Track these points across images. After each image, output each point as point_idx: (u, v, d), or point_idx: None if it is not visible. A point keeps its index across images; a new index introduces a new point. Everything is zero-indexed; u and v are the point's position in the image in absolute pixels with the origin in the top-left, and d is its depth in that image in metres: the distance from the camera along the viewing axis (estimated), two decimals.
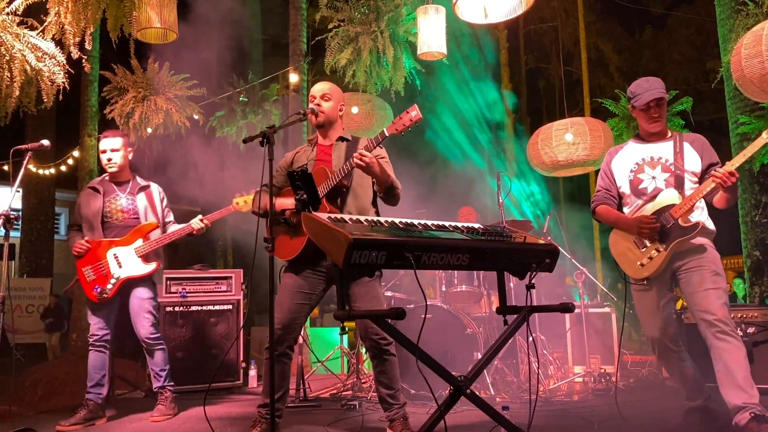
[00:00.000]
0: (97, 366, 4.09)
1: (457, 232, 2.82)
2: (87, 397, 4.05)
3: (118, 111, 6.33)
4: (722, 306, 3.08)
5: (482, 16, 4.13)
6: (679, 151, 3.35)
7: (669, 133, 3.47)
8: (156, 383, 4.28)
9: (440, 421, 2.65)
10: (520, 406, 4.22)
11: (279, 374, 3.30)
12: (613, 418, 3.79)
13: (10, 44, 3.64)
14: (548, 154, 6.32)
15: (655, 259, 3.26)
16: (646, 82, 3.39)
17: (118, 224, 4.19)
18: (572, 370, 5.20)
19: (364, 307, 3.28)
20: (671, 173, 3.33)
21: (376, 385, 3.44)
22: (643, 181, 3.40)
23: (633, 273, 3.39)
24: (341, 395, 4.88)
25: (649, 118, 3.38)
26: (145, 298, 4.16)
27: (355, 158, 3.15)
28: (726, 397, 3.03)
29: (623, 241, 3.42)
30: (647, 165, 3.40)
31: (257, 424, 3.36)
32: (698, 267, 3.21)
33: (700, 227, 3.19)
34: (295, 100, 7.44)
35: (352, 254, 2.37)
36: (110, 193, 4.25)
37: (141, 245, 4.12)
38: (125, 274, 4.08)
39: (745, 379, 2.99)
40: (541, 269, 3.00)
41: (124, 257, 4.10)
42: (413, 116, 3.16)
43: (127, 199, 4.25)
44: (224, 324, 5.60)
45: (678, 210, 3.21)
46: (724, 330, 3.04)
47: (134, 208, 4.24)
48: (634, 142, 3.55)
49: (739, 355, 3.02)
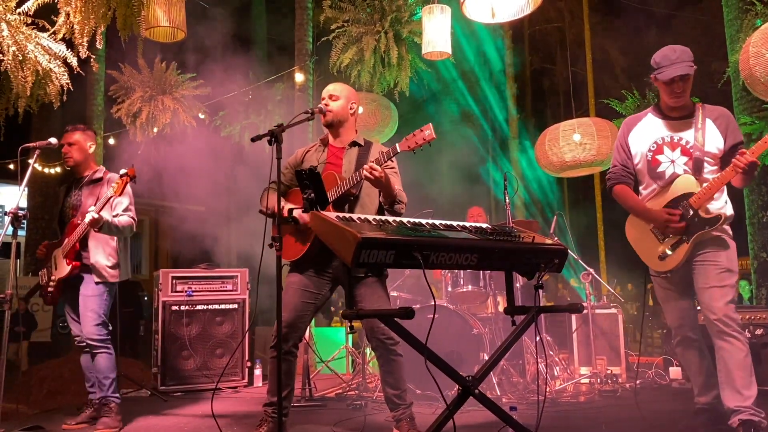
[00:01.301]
0: (89, 366, 3.97)
1: (465, 232, 2.81)
2: (90, 396, 4.00)
3: (125, 110, 6.34)
4: (725, 305, 3.04)
5: (489, 15, 4.11)
6: (701, 130, 3.20)
7: (691, 108, 3.29)
8: (98, 392, 3.90)
9: (448, 421, 2.64)
10: (526, 406, 4.21)
11: (284, 373, 3.30)
12: (620, 419, 3.78)
13: (23, 44, 3.65)
14: (556, 154, 6.30)
15: (677, 252, 3.18)
16: (673, 53, 3.18)
17: (73, 222, 3.95)
18: (578, 371, 5.18)
19: (371, 307, 3.27)
20: (690, 157, 3.19)
21: (383, 385, 3.43)
22: (662, 164, 3.27)
23: (653, 264, 3.31)
24: (347, 395, 4.87)
25: (671, 92, 3.21)
26: (88, 296, 3.89)
27: (364, 170, 3.15)
28: (722, 398, 3.05)
29: (641, 227, 3.32)
30: (667, 146, 3.26)
31: (263, 422, 3.36)
32: (710, 262, 3.13)
33: (722, 220, 3.10)
34: (301, 100, 7.44)
35: (360, 253, 2.36)
36: (72, 190, 4.08)
37: (64, 244, 3.92)
38: (57, 275, 3.90)
39: (743, 380, 2.97)
40: (549, 269, 2.98)
41: (57, 258, 3.94)
42: (426, 135, 3.13)
43: (76, 195, 4.04)
44: (230, 323, 5.60)
45: (697, 200, 3.11)
46: (724, 330, 3.01)
47: (80, 204, 4.00)
48: (654, 115, 3.37)
49: (738, 356, 2.99)
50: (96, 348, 3.84)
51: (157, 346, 5.34)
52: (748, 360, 3.00)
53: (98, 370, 3.86)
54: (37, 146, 3.57)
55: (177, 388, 5.29)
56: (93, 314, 3.85)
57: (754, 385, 2.99)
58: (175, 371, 5.34)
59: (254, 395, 5.18)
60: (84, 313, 3.86)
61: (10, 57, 3.53)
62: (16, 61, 3.58)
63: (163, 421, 4.14)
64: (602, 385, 4.75)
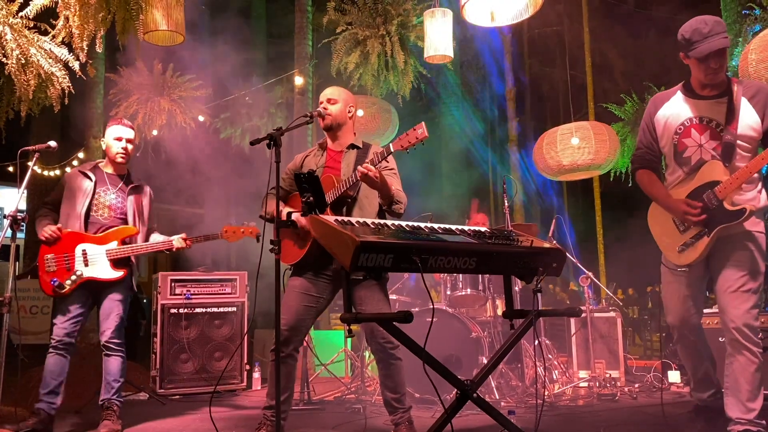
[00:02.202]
0: (55, 372, 3.75)
1: (464, 236, 2.82)
2: (38, 406, 3.71)
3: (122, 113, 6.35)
4: (745, 312, 2.87)
5: (489, 19, 4.13)
6: (734, 111, 2.91)
7: (726, 85, 2.99)
8: (105, 395, 3.85)
9: (447, 424, 2.64)
10: (525, 410, 4.21)
11: (284, 376, 3.30)
12: (618, 423, 3.78)
13: (26, 48, 3.65)
14: (553, 158, 6.31)
15: (696, 246, 2.96)
16: (705, 26, 2.87)
17: (102, 220, 3.89)
18: (577, 375, 5.18)
19: (371, 311, 3.28)
20: (719, 141, 2.93)
21: (382, 389, 3.43)
22: (688, 147, 3.02)
23: (671, 257, 3.11)
24: (345, 398, 4.87)
25: (707, 69, 2.92)
26: (116, 300, 3.87)
27: (359, 171, 3.14)
28: (726, 405, 2.96)
29: (662, 215, 3.12)
30: (695, 129, 3.00)
31: (262, 426, 3.35)
32: (734, 262, 2.92)
33: (747, 213, 2.84)
34: (300, 103, 7.45)
35: (359, 257, 2.37)
36: (101, 184, 3.95)
37: (114, 249, 3.83)
38: (88, 273, 3.77)
39: (749, 394, 2.87)
40: (548, 273, 2.99)
41: (93, 256, 3.79)
42: (419, 134, 3.14)
43: (117, 196, 3.96)
44: (228, 326, 5.59)
45: (723, 190, 2.87)
46: (739, 340, 2.87)
47: (123, 208, 3.96)
48: (684, 94, 3.10)
49: (749, 370, 2.86)
50: (114, 351, 3.87)
51: (156, 349, 5.34)
52: (759, 373, 2.88)
53: (111, 373, 3.86)
54: (36, 149, 3.55)
55: (176, 391, 5.28)
56: (119, 318, 3.87)
57: (760, 399, 2.89)
58: (173, 374, 5.34)
59: (253, 398, 5.17)
60: (110, 316, 3.85)
61: (13, 61, 3.53)
62: (19, 64, 3.58)
63: (161, 424, 4.14)
64: (601, 389, 4.75)
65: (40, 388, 3.74)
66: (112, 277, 3.82)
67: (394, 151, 3.21)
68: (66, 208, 3.87)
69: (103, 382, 3.87)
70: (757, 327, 2.92)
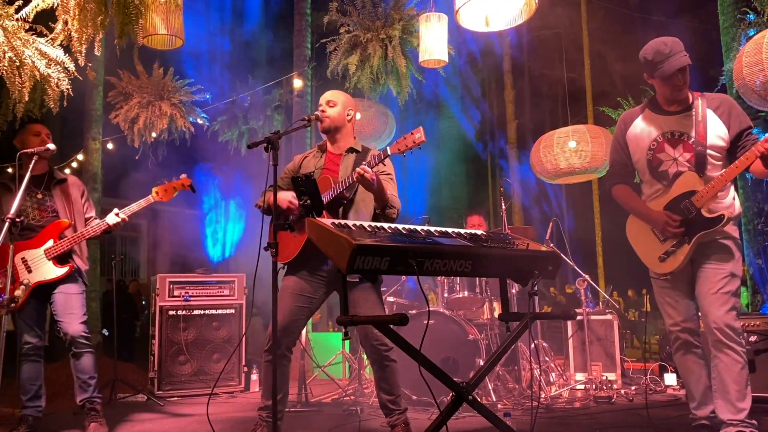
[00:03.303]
0: (32, 377, 3.75)
1: (460, 239, 2.83)
2: (24, 412, 3.72)
3: (123, 116, 6.37)
4: (725, 313, 2.94)
5: (484, 24, 4.15)
6: (702, 122, 3.04)
7: (691, 98, 3.14)
8: (83, 394, 3.76)
9: (442, 427, 2.65)
10: (521, 412, 4.22)
11: (278, 377, 3.31)
12: (614, 426, 3.79)
13: (21, 50, 3.67)
14: (550, 161, 6.34)
15: (677, 254, 3.06)
16: (665, 46, 3.04)
17: (35, 224, 3.79)
18: (574, 377, 5.20)
19: (365, 313, 3.29)
20: (692, 153, 3.05)
21: (377, 391, 3.44)
22: (663, 162, 3.13)
23: (653, 266, 3.20)
24: (343, 400, 4.88)
25: (673, 87, 3.07)
26: (73, 294, 3.77)
27: (356, 173, 3.15)
28: (716, 408, 2.99)
29: (641, 227, 3.21)
30: (667, 143, 3.12)
31: (258, 427, 3.36)
32: (714, 266, 3.02)
33: (725, 220, 2.96)
34: (299, 106, 7.47)
35: (355, 260, 2.38)
36: (25, 189, 3.69)
37: (51, 246, 3.74)
38: (36, 278, 3.69)
39: (737, 394, 2.91)
40: (543, 276, 3.01)
41: (34, 261, 3.72)
42: (417, 138, 3.15)
43: (42, 195, 3.86)
44: (226, 328, 5.61)
45: (701, 198, 2.98)
46: (722, 340, 2.93)
47: (52, 205, 3.87)
48: (651, 110, 3.24)
49: (734, 369, 2.92)
50: (82, 347, 3.74)
51: (154, 351, 5.35)
52: (745, 372, 2.93)
53: (84, 371, 3.75)
54: (35, 152, 3.55)
55: (174, 392, 5.30)
56: (79, 312, 3.76)
57: (748, 398, 2.94)
58: (171, 376, 5.35)
59: (251, 400, 5.19)
60: (70, 312, 3.73)
61: (6, 63, 3.54)
62: (12, 67, 3.60)
63: (158, 426, 4.15)
64: (597, 391, 4.76)
65: (21, 395, 3.73)
66: (59, 274, 3.73)
67: (391, 154, 3.23)
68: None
69: (76, 383, 3.76)
70: (739, 328, 2.98)
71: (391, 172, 3.56)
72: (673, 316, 3.19)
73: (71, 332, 3.71)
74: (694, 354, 3.17)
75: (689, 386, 3.21)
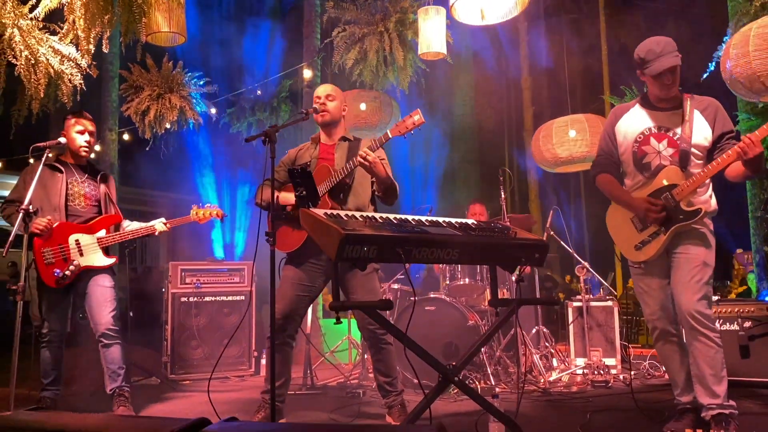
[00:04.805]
0: (53, 362, 3.92)
1: (449, 228, 2.94)
2: (43, 394, 3.88)
3: (134, 109, 6.56)
4: (697, 301, 3.03)
5: (479, 17, 4.22)
6: (688, 121, 3.16)
7: (680, 99, 3.26)
8: (112, 384, 3.90)
9: (428, 407, 2.79)
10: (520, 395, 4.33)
11: (280, 362, 3.46)
12: (608, 409, 3.90)
13: (35, 48, 3.84)
14: (550, 150, 6.40)
15: (653, 243, 3.17)
16: (657, 46, 3.13)
17: (80, 210, 4.00)
18: (574, 363, 5.29)
19: (362, 299, 3.43)
20: (676, 148, 3.16)
21: (375, 374, 3.59)
22: (647, 154, 3.23)
23: (629, 254, 3.30)
24: (348, 384, 5.03)
25: (661, 86, 3.18)
26: (108, 287, 3.94)
27: (359, 157, 3.29)
28: (695, 392, 3.09)
29: (621, 216, 3.32)
30: (654, 137, 3.23)
31: (261, 408, 3.53)
32: (686, 256, 3.12)
33: (702, 213, 3.07)
34: (309, 96, 7.56)
35: (344, 248, 2.51)
36: (70, 175, 4.03)
37: (104, 236, 3.96)
38: (85, 263, 3.88)
39: (713, 378, 3.00)
40: (530, 263, 3.11)
41: (86, 246, 3.91)
42: (416, 120, 3.28)
43: (90, 185, 4.08)
44: (237, 314, 5.79)
45: (681, 192, 3.10)
46: (694, 326, 3.02)
47: (96, 195, 4.09)
48: (642, 106, 3.34)
49: (708, 354, 3.00)
50: (111, 339, 3.89)
51: (167, 336, 5.55)
52: (719, 356, 3.02)
53: (113, 362, 3.89)
54: (47, 146, 3.72)
55: (186, 376, 5.50)
56: (112, 305, 3.91)
57: (724, 381, 3.03)
58: (184, 360, 5.55)
59: (259, 384, 5.36)
60: (103, 303, 3.88)
61: (22, 61, 3.72)
62: (28, 65, 3.77)
63: (168, 406, 4.36)
64: (596, 376, 4.86)
65: (42, 378, 3.90)
66: (107, 263, 3.95)
67: (392, 137, 3.36)
68: (40, 201, 3.88)
69: (106, 373, 3.90)
70: (711, 315, 3.07)
71: (384, 156, 3.70)
72: (650, 305, 3.28)
73: (102, 324, 3.86)
74: (672, 342, 3.27)
75: (671, 374, 3.32)
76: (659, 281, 3.26)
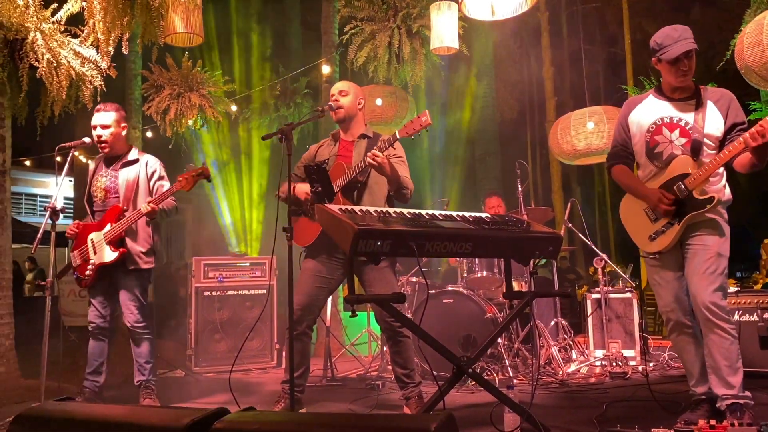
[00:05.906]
0: (95, 353, 4.00)
1: (463, 222, 2.99)
2: (84, 384, 4.00)
3: (155, 108, 6.70)
4: (712, 293, 3.01)
5: (489, 13, 4.22)
6: (702, 112, 3.15)
7: (693, 89, 3.24)
8: (139, 377, 4.03)
9: (443, 398, 2.84)
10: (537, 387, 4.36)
11: (299, 353, 3.54)
12: (624, 400, 3.91)
13: (57, 51, 3.96)
14: (568, 142, 6.38)
15: (666, 234, 3.15)
16: (675, 32, 3.12)
17: (102, 205, 4.00)
18: (593, 355, 5.30)
19: (379, 292, 3.49)
20: (689, 138, 3.14)
21: (393, 366, 3.65)
22: (659, 144, 3.21)
23: (642, 245, 3.29)
24: (368, 376, 5.11)
25: (677, 72, 3.13)
26: (130, 285, 3.96)
27: (368, 157, 3.34)
28: (710, 383, 3.08)
29: (635, 207, 3.30)
30: (666, 127, 3.21)
31: (281, 399, 3.62)
32: (701, 247, 3.09)
33: (716, 202, 3.04)
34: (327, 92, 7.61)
35: (358, 243, 2.58)
36: (99, 170, 4.07)
37: (108, 230, 3.89)
38: (97, 260, 3.89)
39: (728, 369, 2.99)
40: (544, 256, 3.15)
41: (98, 243, 3.91)
42: (423, 121, 3.33)
43: (108, 177, 4.02)
44: (259, 307, 5.89)
45: (693, 181, 3.07)
46: (709, 318, 3.00)
47: (114, 187, 3.99)
48: (655, 96, 3.33)
49: (723, 345, 2.99)
50: (140, 334, 3.98)
51: (191, 329, 5.67)
52: (734, 348, 3.00)
53: (141, 356, 4.00)
54: (72, 145, 3.83)
55: (210, 369, 5.62)
56: (136, 301, 3.95)
57: (740, 372, 3.02)
58: (208, 353, 5.67)
59: (281, 376, 5.44)
60: (125, 301, 3.95)
61: (44, 64, 3.83)
62: (50, 67, 3.89)
63: (190, 396, 4.46)
64: (614, 368, 4.86)
65: (86, 368, 4.01)
66: (111, 258, 3.86)
67: (400, 137, 3.41)
68: None
69: (135, 365, 4.05)
70: (726, 306, 3.04)
71: (401, 154, 3.74)
72: (664, 297, 3.27)
73: (130, 322, 3.97)
74: (687, 334, 3.24)
75: (686, 365, 3.30)
76: (673, 273, 3.24)
